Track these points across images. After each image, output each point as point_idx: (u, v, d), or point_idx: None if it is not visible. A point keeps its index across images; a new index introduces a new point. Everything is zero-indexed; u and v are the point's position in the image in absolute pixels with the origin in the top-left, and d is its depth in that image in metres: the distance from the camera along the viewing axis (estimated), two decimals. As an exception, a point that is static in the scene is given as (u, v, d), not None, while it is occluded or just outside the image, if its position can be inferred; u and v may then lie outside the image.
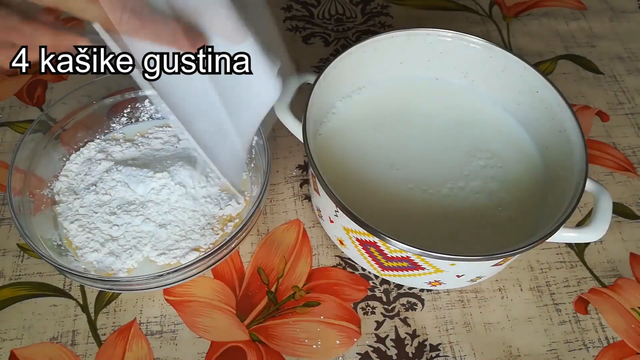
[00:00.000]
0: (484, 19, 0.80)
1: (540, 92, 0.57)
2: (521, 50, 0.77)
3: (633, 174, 0.65)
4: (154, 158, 0.58)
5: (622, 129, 0.69)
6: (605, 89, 0.73)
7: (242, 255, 0.57)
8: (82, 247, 0.53)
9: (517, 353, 0.53)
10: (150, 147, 0.60)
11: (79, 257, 0.52)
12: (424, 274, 0.49)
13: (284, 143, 0.65)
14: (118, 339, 0.52)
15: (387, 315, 0.54)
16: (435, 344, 0.53)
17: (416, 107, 0.61)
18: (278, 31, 0.73)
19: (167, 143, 0.61)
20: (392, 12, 0.80)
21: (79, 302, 0.54)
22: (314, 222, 0.60)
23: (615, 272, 0.58)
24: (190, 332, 0.52)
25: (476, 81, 0.62)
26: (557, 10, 0.82)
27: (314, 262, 0.57)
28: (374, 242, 0.48)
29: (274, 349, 0.52)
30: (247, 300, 0.54)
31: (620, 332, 0.54)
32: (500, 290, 0.56)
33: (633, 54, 0.77)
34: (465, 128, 0.60)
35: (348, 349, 0.52)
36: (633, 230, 0.61)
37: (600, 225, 0.49)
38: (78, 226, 0.54)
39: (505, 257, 0.46)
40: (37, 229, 0.51)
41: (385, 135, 0.59)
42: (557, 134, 0.55)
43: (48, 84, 0.69)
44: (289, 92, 0.55)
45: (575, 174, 0.51)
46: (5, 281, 0.55)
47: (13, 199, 0.50)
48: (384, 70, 0.61)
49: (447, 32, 0.59)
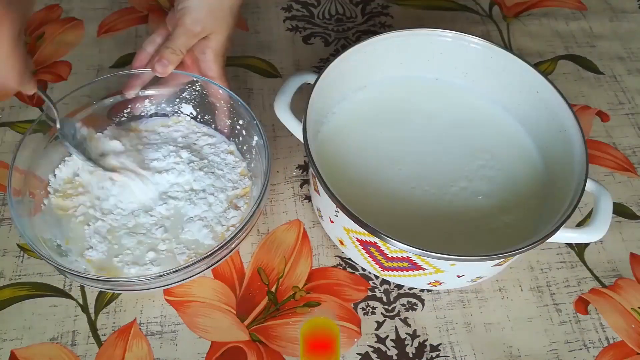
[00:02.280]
0: (484, 19, 0.80)
1: (540, 92, 0.57)
2: (521, 50, 0.77)
3: (633, 174, 0.65)
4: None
5: (622, 129, 0.69)
6: (606, 89, 0.73)
7: (242, 255, 0.57)
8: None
9: (518, 353, 0.53)
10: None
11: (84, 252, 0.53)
12: (424, 274, 0.49)
13: (284, 143, 0.65)
14: (118, 339, 0.52)
15: (387, 315, 0.54)
16: (436, 344, 0.53)
17: (416, 107, 0.61)
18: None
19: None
20: (392, 12, 0.80)
21: (79, 303, 0.54)
22: (314, 222, 0.60)
23: (616, 273, 0.58)
24: (191, 332, 0.52)
25: (476, 81, 0.62)
26: (557, 11, 0.82)
27: (314, 263, 0.57)
28: (374, 242, 0.48)
29: (274, 349, 0.52)
30: (247, 300, 0.54)
31: (621, 332, 0.54)
32: (501, 290, 0.56)
33: (633, 54, 0.77)
34: (465, 128, 0.60)
35: (348, 349, 0.52)
36: (633, 231, 0.61)
37: (600, 225, 0.49)
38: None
39: (505, 257, 0.46)
40: (37, 229, 0.51)
41: (386, 135, 0.59)
42: (557, 134, 0.55)
43: (48, 84, 0.69)
44: (289, 92, 0.55)
45: (575, 174, 0.51)
46: (5, 281, 0.55)
47: (13, 199, 0.50)
48: (384, 70, 0.61)
49: (447, 32, 0.59)
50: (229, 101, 0.58)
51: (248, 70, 0.72)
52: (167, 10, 0.78)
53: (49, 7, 0.77)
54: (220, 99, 0.58)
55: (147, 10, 0.78)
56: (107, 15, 0.77)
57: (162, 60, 0.53)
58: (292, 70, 0.72)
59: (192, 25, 0.53)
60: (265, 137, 0.54)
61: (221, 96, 0.58)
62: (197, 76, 0.58)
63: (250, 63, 0.73)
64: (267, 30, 0.77)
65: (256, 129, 0.55)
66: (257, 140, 0.56)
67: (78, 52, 0.73)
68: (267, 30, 0.77)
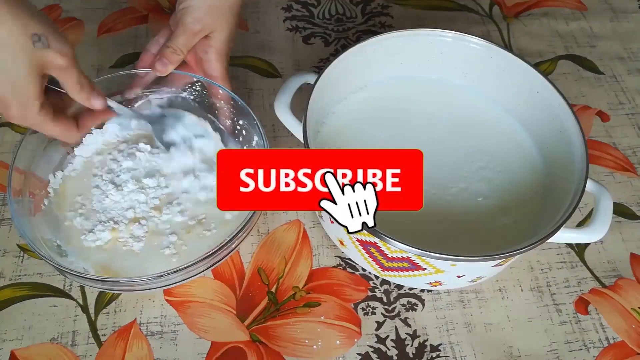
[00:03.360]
0: (484, 19, 0.80)
1: (540, 92, 0.57)
2: (521, 50, 0.77)
3: (633, 174, 0.65)
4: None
5: (622, 129, 0.69)
6: (606, 89, 0.73)
7: (242, 255, 0.57)
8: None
9: (518, 353, 0.53)
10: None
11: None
12: (425, 274, 0.49)
13: (284, 143, 0.65)
14: (118, 340, 0.52)
15: (387, 315, 0.54)
16: (436, 345, 0.53)
17: (416, 107, 0.61)
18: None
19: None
20: (392, 12, 0.80)
21: (79, 303, 0.54)
22: (314, 222, 0.60)
23: (616, 273, 0.58)
24: (191, 332, 0.52)
25: (476, 81, 0.62)
26: (557, 11, 0.82)
27: (314, 263, 0.57)
28: (375, 242, 0.48)
29: (274, 350, 0.52)
30: (247, 300, 0.54)
31: (621, 333, 0.54)
32: (501, 290, 0.56)
33: (633, 54, 0.77)
34: (465, 128, 0.60)
35: (348, 349, 0.52)
36: (633, 231, 0.61)
37: (600, 225, 0.49)
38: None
39: (506, 257, 0.46)
40: (37, 229, 0.51)
41: (386, 135, 0.59)
42: (557, 134, 0.55)
43: (48, 84, 0.69)
44: (289, 92, 0.55)
45: (575, 174, 0.51)
46: (5, 281, 0.55)
47: (13, 199, 0.50)
48: (384, 70, 0.61)
49: (447, 32, 0.59)
50: (229, 101, 0.58)
51: (248, 70, 0.72)
52: (167, 10, 0.78)
53: (49, 7, 0.77)
54: (221, 99, 0.58)
55: (147, 10, 0.78)
56: (107, 15, 0.77)
57: (163, 59, 0.54)
58: (292, 70, 0.72)
59: (192, 24, 0.53)
60: (265, 138, 0.54)
61: (222, 96, 0.58)
62: (198, 77, 0.58)
63: (250, 63, 0.73)
64: (267, 30, 0.77)
65: (256, 130, 0.55)
66: (257, 140, 0.56)
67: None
68: (267, 30, 0.77)
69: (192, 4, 0.53)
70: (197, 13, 0.53)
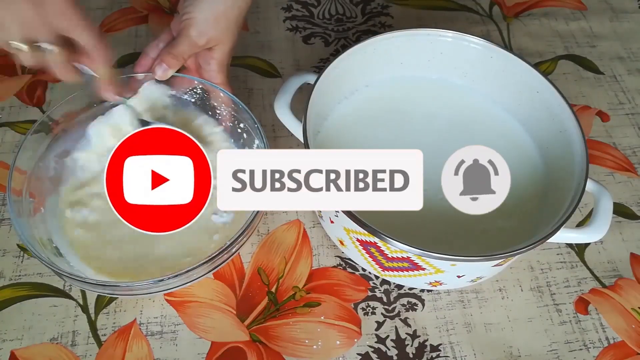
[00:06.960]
0: (484, 19, 0.80)
1: (540, 93, 0.57)
2: (521, 50, 0.77)
3: (633, 174, 0.65)
4: None
5: (622, 129, 0.69)
6: (606, 89, 0.73)
7: (242, 255, 0.57)
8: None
9: (518, 353, 0.53)
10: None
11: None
12: (425, 274, 0.49)
13: (284, 143, 0.65)
14: (118, 340, 0.52)
15: (387, 315, 0.54)
16: (436, 345, 0.53)
17: (416, 108, 0.61)
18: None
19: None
20: (392, 12, 0.80)
21: (79, 303, 0.54)
22: (314, 222, 0.60)
23: (616, 273, 0.58)
24: (191, 332, 0.52)
25: (476, 81, 0.62)
26: (557, 10, 0.82)
27: (314, 263, 0.57)
28: (375, 242, 0.48)
29: (274, 350, 0.52)
30: (247, 300, 0.54)
31: (621, 333, 0.54)
32: (501, 290, 0.56)
33: (633, 54, 0.77)
34: (465, 128, 0.60)
35: (348, 349, 0.52)
36: (633, 231, 0.61)
37: (600, 225, 0.49)
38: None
39: (506, 257, 0.46)
40: (36, 230, 0.51)
41: (386, 135, 0.58)
42: (557, 134, 0.55)
43: (48, 84, 0.69)
44: (289, 92, 0.55)
45: (575, 174, 0.50)
46: (5, 281, 0.55)
47: (13, 199, 0.50)
48: (384, 70, 0.61)
49: (447, 32, 0.59)
50: (230, 104, 0.58)
51: (248, 70, 0.72)
52: (167, 10, 0.78)
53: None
54: (221, 102, 0.58)
55: (147, 10, 0.78)
56: (107, 15, 0.77)
57: (163, 64, 0.53)
58: (292, 70, 0.72)
59: (198, 38, 0.52)
60: (266, 141, 0.54)
61: (222, 99, 0.58)
62: (199, 79, 0.58)
63: (250, 63, 0.73)
64: (267, 30, 0.77)
65: (257, 132, 0.55)
66: (257, 144, 0.55)
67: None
68: (267, 30, 0.77)
69: (197, 16, 0.52)
70: (203, 26, 0.52)
